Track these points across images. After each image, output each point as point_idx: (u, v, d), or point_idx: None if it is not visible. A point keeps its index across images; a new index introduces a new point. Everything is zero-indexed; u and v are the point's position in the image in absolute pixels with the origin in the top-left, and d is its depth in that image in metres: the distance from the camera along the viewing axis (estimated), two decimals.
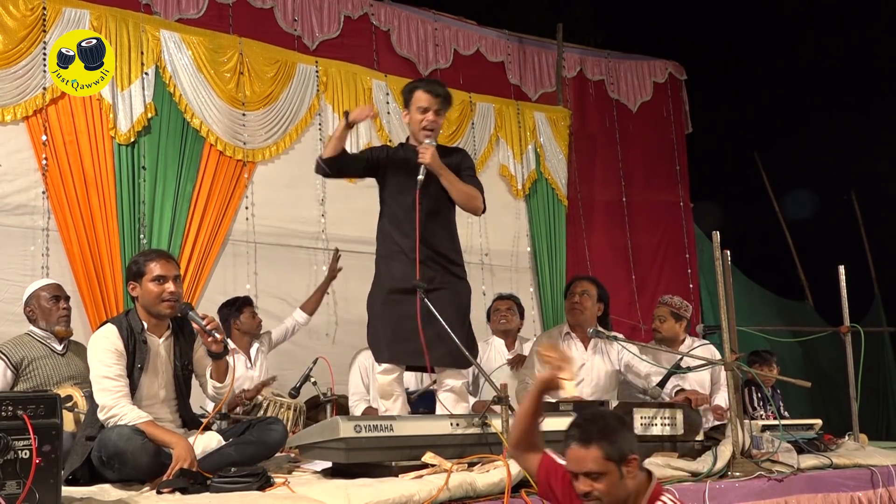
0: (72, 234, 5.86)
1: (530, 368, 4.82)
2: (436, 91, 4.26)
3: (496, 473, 3.05)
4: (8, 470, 2.53)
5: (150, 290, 3.65)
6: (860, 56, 10.40)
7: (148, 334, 3.69)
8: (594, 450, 2.59)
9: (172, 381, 3.76)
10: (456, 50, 8.17)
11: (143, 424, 3.44)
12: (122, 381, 3.54)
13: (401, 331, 4.09)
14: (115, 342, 3.59)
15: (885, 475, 4.14)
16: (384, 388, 4.24)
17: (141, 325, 3.68)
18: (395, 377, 4.21)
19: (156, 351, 3.70)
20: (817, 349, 9.37)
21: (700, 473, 3.64)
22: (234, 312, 5.74)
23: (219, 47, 6.62)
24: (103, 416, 3.48)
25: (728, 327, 4.08)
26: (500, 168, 8.16)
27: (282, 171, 6.91)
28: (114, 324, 3.67)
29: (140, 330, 3.67)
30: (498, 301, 6.31)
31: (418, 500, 2.82)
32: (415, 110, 4.26)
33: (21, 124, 5.83)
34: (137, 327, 3.67)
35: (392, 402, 4.22)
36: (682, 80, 9.57)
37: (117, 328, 3.63)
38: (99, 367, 3.55)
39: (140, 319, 3.70)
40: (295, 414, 5.21)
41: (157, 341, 3.72)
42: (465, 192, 4.28)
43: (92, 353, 3.60)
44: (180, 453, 3.35)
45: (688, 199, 9.41)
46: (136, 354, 3.62)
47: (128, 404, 3.50)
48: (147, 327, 3.70)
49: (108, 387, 3.51)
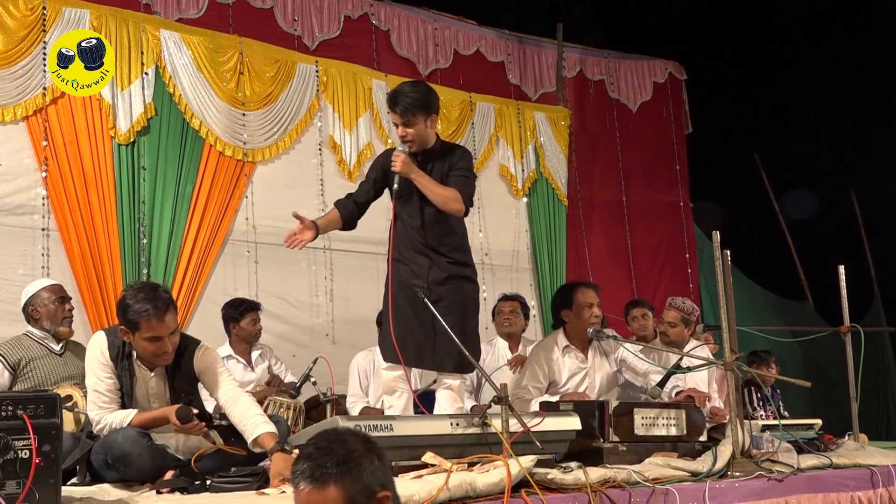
0: (72, 234, 5.86)
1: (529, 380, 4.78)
2: (392, 108, 4.22)
3: (496, 473, 3.05)
4: (8, 470, 2.53)
5: (144, 346, 3.45)
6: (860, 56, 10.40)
7: (137, 365, 3.55)
8: (332, 491, 1.95)
9: (168, 396, 3.63)
10: (456, 50, 8.17)
11: (134, 420, 3.43)
12: (111, 396, 3.49)
13: (402, 332, 4.11)
14: (105, 354, 3.51)
15: (885, 475, 4.14)
16: (388, 384, 4.27)
17: (133, 353, 3.54)
18: (400, 374, 4.22)
19: (144, 381, 3.58)
20: (817, 349, 9.37)
21: (700, 473, 3.64)
22: (235, 316, 5.73)
23: (219, 47, 6.62)
24: (95, 429, 3.48)
25: (728, 327, 4.08)
26: (500, 168, 8.16)
27: (282, 170, 6.91)
28: (107, 336, 3.55)
29: (129, 354, 3.52)
30: (502, 302, 6.22)
31: (418, 500, 2.81)
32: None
33: (21, 124, 5.83)
34: (128, 350, 3.53)
35: (396, 398, 4.24)
36: (682, 79, 9.58)
37: (108, 339, 3.52)
38: (91, 379, 3.52)
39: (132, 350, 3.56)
40: (295, 414, 5.21)
41: (147, 374, 3.59)
42: (441, 194, 4.18)
43: (87, 360, 3.58)
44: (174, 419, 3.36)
45: (688, 198, 9.42)
46: (122, 380, 3.51)
47: (112, 412, 3.47)
48: (136, 356, 3.55)
49: (95, 400, 3.49)
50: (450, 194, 4.19)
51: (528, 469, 3.11)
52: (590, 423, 3.80)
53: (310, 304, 6.90)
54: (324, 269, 6.95)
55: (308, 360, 5.45)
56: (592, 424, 3.81)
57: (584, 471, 3.27)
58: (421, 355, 4.17)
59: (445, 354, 4.11)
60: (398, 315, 4.14)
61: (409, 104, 4.16)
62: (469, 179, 4.31)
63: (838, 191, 10.76)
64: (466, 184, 4.27)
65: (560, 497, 3.12)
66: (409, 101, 4.16)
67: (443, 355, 4.13)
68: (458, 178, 4.26)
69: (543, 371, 4.74)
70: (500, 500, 2.93)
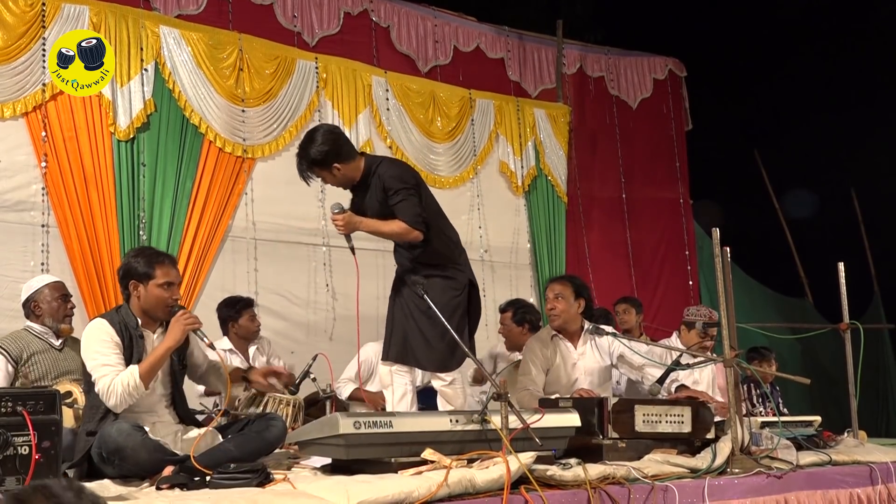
0: (71, 231, 5.86)
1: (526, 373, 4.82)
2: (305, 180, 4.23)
3: (495, 470, 3.05)
4: (7, 466, 2.54)
5: (156, 294, 3.64)
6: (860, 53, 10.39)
7: (143, 329, 3.70)
8: None
9: (168, 377, 3.76)
10: (456, 46, 8.17)
11: (141, 370, 3.46)
12: (119, 367, 3.51)
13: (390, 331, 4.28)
14: (110, 333, 3.56)
15: (883, 472, 4.14)
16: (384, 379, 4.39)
17: (135, 320, 3.67)
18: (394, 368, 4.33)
19: (151, 346, 3.69)
20: (817, 346, 9.36)
21: (699, 470, 3.64)
22: (233, 314, 5.73)
23: (218, 43, 6.62)
24: (104, 398, 3.46)
25: (728, 324, 4.08)
26: (500, 164, 8.16)
27: (281, 167, 6.89)
28: (106, 318, 3.64)
29: (135, 325, 3.66)
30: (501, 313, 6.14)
31: (417, 497, 2.82)
32: None
33: (20, 120, 5.83)
34: (132, 323, 3.65)
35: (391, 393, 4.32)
36: (681, 76, 9.57)
37: (110, 322, 3.61)
38: (97, 357, 3.51)
39: (134, 316, 3.68)
40: (294, 410, 5.20)
41: (152, 336, 3.73)
42: (393, 233, 4.14)
43: (87, 346, 3.56)
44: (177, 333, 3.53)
45: (687, 195, 9.42)
46: (132, 349, 3.60)
47: (118, 375, 3.47)
48: (141, 323, 3.70)
49: (105, 372, 3.48)
50: (399, 229, 4.09)
51: (528, 465, 3.11)
52: (589, 419, 3.80)
53: (309, 300, 6.90)
54: (323, 265, 6.95)
55: (307, 356, 5.45)
56: (592, 421, 3.81)
57: (583, 467, 3.28)
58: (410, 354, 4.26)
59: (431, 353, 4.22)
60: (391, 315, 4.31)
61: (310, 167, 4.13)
62: (409, 199, 4.12)
63: (838, 188, 10.76)
64: (408, 206, 4.10)
65: (559, 493, 3.12)
66: (306, 166, 4.13)
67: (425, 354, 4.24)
68: (399, 205, 4.11)
69: (540, 359, 4.82)
70: (500, 497, 2.93)
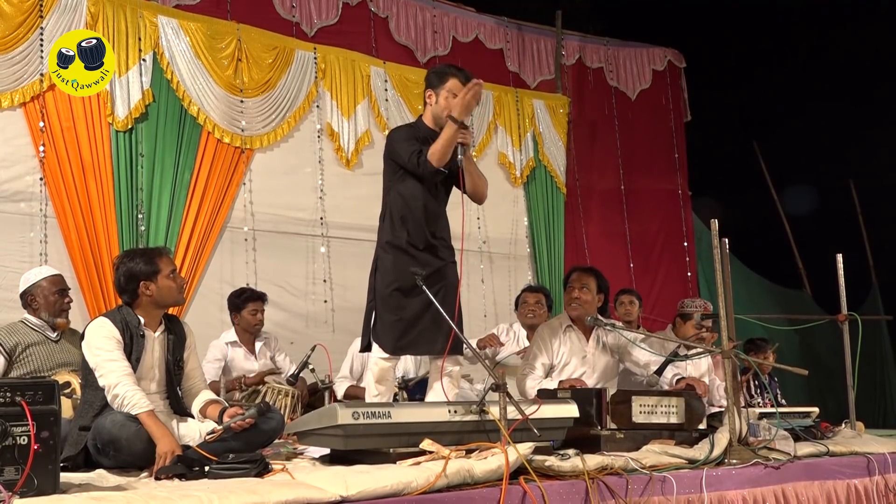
0: (69, 221, 5.86)
1: (533, 358, 4.83)
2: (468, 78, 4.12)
3: (494, 460, 3.05)
4: (6, 456, 2.54)
5: (168, 285, 3.74)
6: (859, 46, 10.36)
7: (145, 328, 3.71)
8: None
9: (165, 376, 3.78)
10: (454, 37, 8.15)
11: (143, 414, 3.44)
12: (125, 363, 3.55)
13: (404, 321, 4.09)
14: (113, 332, 3.60)
15: (881, 463, 4.14)
16: (383, 374, 4.23)
17: (137, 319, 3.69)
18: (394, 364, 4.24)
19: (151, 345, 3.72)
20: (815, 337, 9.39)
21: (697, 461, 3.65)
22: (238, 305, 5.73)
23: (217, 33, 6.60)
24: (109, 396, 3.49)
25: (726, 315, 4.08)
26: (499, 155, 8.15)
27: (280, 158, 6.90)
28: (108, 317, 3.68)
29: (137, 325, 3.68)
30: (527, 293, 6.28)
31: (416, 487, 2.82)
32: (446, 95, 4.16)
33: (18, 110, 5.82)
34: (133, 322, 3.68)
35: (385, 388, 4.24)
36: (681, 67, 9.56)
37: (112, 321, 3.64)
38: (100, 353, 3.54)
39: (136, 315, 3.70)
40: (293, 401, 5.22)
41: (152, 335, 3.74)
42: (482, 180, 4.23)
43: (90, 343, 3.59)
44: (163, 449, 3.35)
45: (686, 187, 9.41)
46: (132, 347, 3.64)
47: (133, 385, 3.49)
48: (143, 322, 3.71)
49: (112, 368, 3.51)
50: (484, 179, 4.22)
51: (526, 456, 3.12)
52: (587, 410, 3.81)
53: (308, 291, 6.91)
54: (322, 256, 6.95)
55: (306, 347, 5.46)
56: (590, 412, 3.82)
57: (581, 458, 3.28)
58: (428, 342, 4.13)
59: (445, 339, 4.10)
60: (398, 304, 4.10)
61: None
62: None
63: (837, 180, 10.76)
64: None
65: (557, 484, 3.12)
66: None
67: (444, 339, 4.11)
68: None
69: (548, 347, 4.81)
70: (498, 487, 2.94)
